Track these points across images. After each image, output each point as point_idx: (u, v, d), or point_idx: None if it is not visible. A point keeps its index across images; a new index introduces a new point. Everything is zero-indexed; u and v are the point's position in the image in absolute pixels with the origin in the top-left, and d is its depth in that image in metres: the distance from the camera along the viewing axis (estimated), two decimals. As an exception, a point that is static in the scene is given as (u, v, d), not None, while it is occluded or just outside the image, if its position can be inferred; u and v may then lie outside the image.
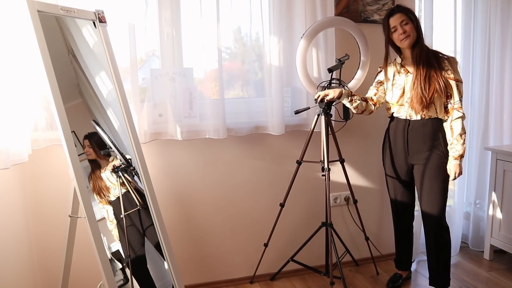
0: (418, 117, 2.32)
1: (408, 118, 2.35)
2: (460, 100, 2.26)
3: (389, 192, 2.60)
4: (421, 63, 2.27)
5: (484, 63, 2.98)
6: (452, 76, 2.26)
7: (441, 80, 2.24)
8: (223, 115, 2.43)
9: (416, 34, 2.27)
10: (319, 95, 2.34)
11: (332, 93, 2.31)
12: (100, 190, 1.94)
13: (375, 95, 2.47)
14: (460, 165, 2.26)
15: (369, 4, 2.72)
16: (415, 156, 2.38)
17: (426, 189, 2.37)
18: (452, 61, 2.30)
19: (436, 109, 2.29)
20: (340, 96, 2.33)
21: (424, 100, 2.25)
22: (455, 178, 2.29)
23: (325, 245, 2.68)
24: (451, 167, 2.27)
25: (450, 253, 2.43)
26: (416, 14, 2.70)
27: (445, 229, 2.40)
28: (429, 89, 2.24)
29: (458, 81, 2.27)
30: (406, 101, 2.34)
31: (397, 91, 2.38)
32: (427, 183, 2.36)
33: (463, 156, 2.26)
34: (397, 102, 2.38)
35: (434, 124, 2.31)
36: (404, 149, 2.40)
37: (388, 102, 2.45)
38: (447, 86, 2.25)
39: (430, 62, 2.27)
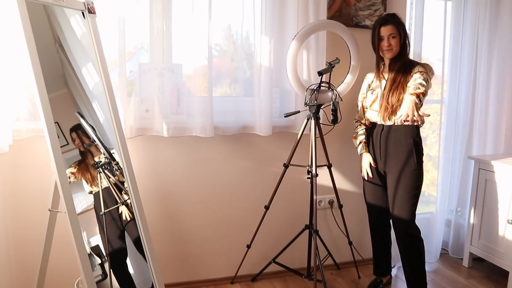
0: (390, 123, 2.35)
1: (382, 123, 2.39)
2: (421, 84, 2.15)
3: (365, 196, 2.62)
4: (395, 73, 2.32)
5: (471, 72, 3.02)
6: (417, 70, 2.25)
7: (406, 85, 2.26)
8: (211, 113, 2.41)
9: (399, 49, 2.32)
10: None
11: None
12: (87, 179, 1.91)
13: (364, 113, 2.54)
14: (414, 101, 2.08)
15: (361, 9, 2.72)
16: (387, 162, 2.41)
17: (394, 197, 2.40)
18: (423, 64, 2.31)
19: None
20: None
21: (388, 107, 2.32)
22: (406, 119, 2.06)
23: (307, 248, 2.67)
24: (404, 103, 2.13)
25: (422, 261, 2.44)
26: (407, 21, 2.75)
27: (414, 237, 2.41)
28: (396, 97, 2.28)
29: (422, 72, 2.23)
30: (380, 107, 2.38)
31: (372, 96, 2.44)
32: (395, 191, 2.39)
33: (419, 96, 2.12)
34: (370, 107, 2.45)
35: (406, 130, 2.33)
36: (379, 154, 2.43)
37: (364, 107, 2.52)
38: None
39: (403, 71, 2.30)
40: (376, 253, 2.68)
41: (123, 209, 2.05)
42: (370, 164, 2.47)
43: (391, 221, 2.50)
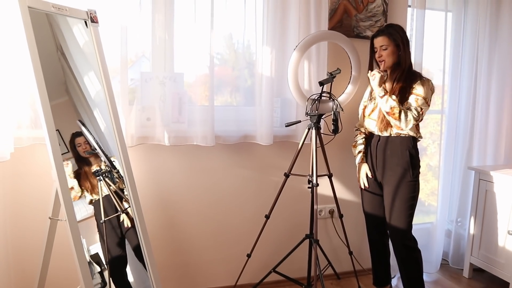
0: (387, 134, 2.37)
1: (379, 133, 2.40)
2: (416, 110, 2.22)
3: (363, 206, 2.61)
4: (394, 83, 2.33)
5: (471, 83, 3.04)
6: (414, 91, 2.27)
7: (403, 100, 2.28)
8: (212, 122, 2.41)
9: (394, 59, 2.31)
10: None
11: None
12: (87, 187, 1.91)
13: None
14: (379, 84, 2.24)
15: (362, 20, 2.74)
16: (383, 173, 2.42)
17: (391, 208, 2.40)
18: (424, 82, 2.28)
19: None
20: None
21: (384, 119, 2.34)
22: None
23: (307, 257, 2.66)
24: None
25: (420, 271, 2.43)
26: (408, 32, 2.75)
27: (411, 248, 2.40)
28: None
29: (418, 96, 2.25)
30: (378, 117, 2.39)
31: (371, 105, 2.46)
32: (391, 202, 2.39)
33: (382, 96, 2.23)
34: (369, 115, 2.46)
35: (402, 141, 2.34)
36: (375, 164, 2.45)
37: (364, 115, 2.53)
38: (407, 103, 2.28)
39: (403, 82, 2.30)
40: (374, 263, 2.67)
41: (124, 217, 2.04)
42: (367, 174, 2.48)
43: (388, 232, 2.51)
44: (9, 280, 2.22)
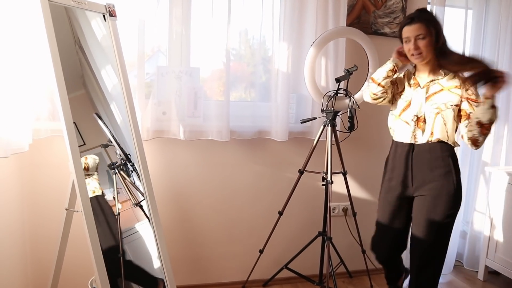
0: (424, 140, 2.00)
1: (412, 141, 2.03)
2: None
3: (378, 215, 2.25)
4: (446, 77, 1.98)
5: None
6: (473, 97, 1.92)
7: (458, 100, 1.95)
8: (228, 117, 2.41)
9: (432, 52, 1.93)
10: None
11: None
12: None
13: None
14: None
15: (381, 16, 2.71)
16: (421, 187, 2.02)
17: (420, 223, 2.02)
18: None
19: (447, 132, 1.97)
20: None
21: (422, 123, 2.00)
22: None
23: (320, 255, 2.65)
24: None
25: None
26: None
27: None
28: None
29: (479, 103, 1.90)
30: (412, 120, 2.01)
31: (402, 102, 2.08)
32: (425, 216, 2.01)
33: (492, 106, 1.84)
34: (399, 115, 2.08)
35: (443, 148, 1.97)
36: (403, 179, 2.07)
37: (391, 114, 2.16)
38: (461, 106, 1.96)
39: (453, 77, 1.97)
40: (386, 271, 2.45)
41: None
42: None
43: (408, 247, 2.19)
44: (25, 268, 2.26)
